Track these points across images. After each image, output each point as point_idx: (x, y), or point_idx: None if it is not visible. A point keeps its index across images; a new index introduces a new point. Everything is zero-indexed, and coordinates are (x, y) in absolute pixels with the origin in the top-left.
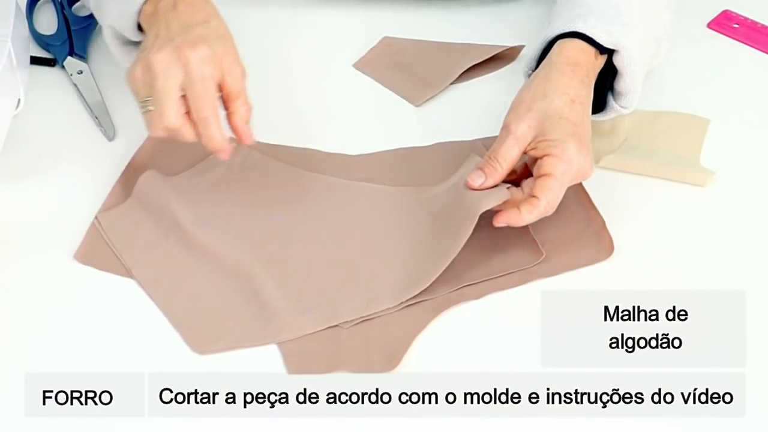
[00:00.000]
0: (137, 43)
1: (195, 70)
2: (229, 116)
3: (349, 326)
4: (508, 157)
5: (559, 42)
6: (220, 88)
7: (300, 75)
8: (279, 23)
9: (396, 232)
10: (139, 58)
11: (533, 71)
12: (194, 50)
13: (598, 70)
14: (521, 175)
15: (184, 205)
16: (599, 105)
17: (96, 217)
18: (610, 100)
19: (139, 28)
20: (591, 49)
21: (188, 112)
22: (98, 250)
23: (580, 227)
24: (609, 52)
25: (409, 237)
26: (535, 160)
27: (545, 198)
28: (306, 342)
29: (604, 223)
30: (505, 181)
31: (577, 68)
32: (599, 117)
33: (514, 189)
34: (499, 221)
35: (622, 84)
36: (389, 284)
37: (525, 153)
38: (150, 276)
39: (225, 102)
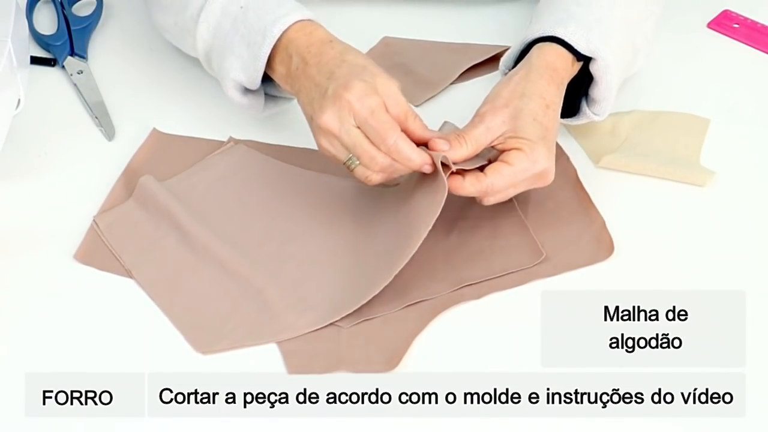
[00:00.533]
0: (254, 91)
1: (359, 108)
2: (409, 136)
3: (349, 326)
4: (475, 141)
5: (538, 45)
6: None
7: None
8: None
9: (396, 230)
10: (314, 129)
11: (510, 70)
12: (348, 91)
13: (573, 76)
14: None
15: (183, 205)
16: (571, 110)
17: (94, 220)
18: (584, 106)
19: (266, 76)
20: (569, 56)
21: None
22: (98, 250)
23: (580, 227)
24: (586, 59)
25: (407, 233)
26: (501, 152)
27: (491, 179)
28: (306, 342)
29: (604, 223)
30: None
31: (556, 74)
32: (570, 122)
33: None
34: None
35: (596, 91)
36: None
37: (493, 147)
38: (150, 277)
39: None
